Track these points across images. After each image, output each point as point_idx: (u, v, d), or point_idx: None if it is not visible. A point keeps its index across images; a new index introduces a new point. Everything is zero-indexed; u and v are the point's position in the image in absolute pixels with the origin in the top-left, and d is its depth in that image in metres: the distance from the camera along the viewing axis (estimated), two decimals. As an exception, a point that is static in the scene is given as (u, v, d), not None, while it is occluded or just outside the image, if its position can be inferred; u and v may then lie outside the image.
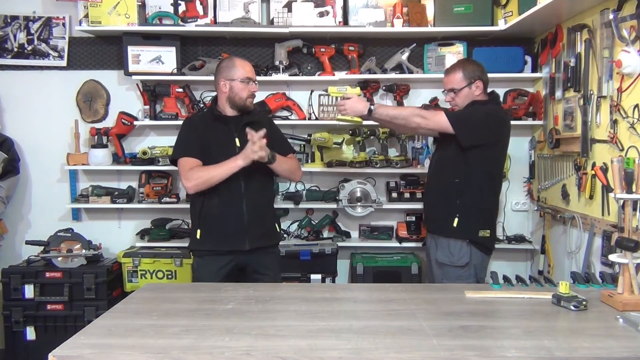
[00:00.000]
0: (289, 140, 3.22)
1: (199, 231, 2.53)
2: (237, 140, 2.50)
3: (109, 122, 3.49)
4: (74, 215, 3.54)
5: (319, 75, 3.39)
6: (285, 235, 3.46)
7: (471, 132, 2.49)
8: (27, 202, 3.55)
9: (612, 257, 1.91)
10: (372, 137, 3.38)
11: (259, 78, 3.24)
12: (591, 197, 2.66)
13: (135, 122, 3.39)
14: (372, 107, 2.60)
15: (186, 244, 2.98)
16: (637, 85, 2.29)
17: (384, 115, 2.61)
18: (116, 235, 3.53)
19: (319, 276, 3.25)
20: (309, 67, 3.42)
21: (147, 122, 3.39)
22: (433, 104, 3.36)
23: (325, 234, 3.54)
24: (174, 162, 2.60)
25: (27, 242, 3.32)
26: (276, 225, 2.69)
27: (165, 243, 3.38)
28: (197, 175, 2.43)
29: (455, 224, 2.53)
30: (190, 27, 3.30)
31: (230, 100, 2.51)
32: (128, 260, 3.27)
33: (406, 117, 2.58)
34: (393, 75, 3.34)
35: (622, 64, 2.29)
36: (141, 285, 2.79)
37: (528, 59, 3.33)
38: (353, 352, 1.49)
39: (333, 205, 3.42)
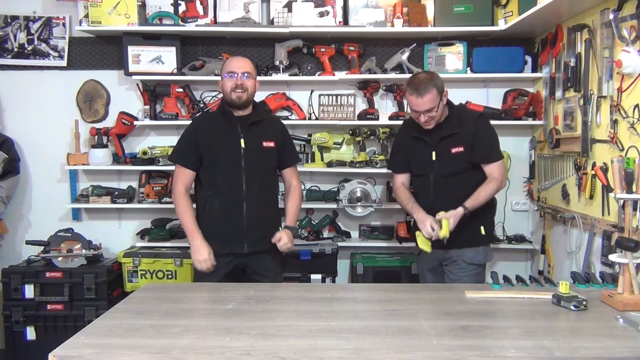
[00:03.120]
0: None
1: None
2: (242, 140, 2.49)
3: (109, 122, 3.49)
4: (74, 215, 3.54)
5: (319, 75, 3.39)
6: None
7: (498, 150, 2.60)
8: (27, 202, 3.55)
9: (612, 257, 1.92)
10: (372, 137, 3.38)
11: (259, 78, 3.24)
12: (591, 197, 2.66)
13: (136, 122, 3.39)
14: (466, 210, 2.43)
15: (186, 244, 2.96)
16: (637, 85, 2.29)
17: (477, 206, 2.48)
18: (116, 235, 3.53)
19: (319, 276, 3.25)
20: (309, 67, 3.42)
21: (147, 122, 3.39)
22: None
23: (325, 234, 3.54)
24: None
25: (27, 242, 3.32)
26: (279, 229, 2.65)
27: (165, 243, 3.38)
28: (176, 203, 2.53)
29: (483, 232, 2.57)
30: (191, 27, 3.30)
31: (224, 98, 2.54)
32: (128, 260, 3.27)
33: (493, 194, 2.53)
34: (393, 75, 3.34)
35: (622, 64, 2.29)
36: (141, 285, 2.79)
37: (528, 59, 3.33)
38: (353, 352, 1.49)
39: (333, 205, 3.41)
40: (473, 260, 2.55)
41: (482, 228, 2.56)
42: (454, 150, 2.51)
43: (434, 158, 2.54)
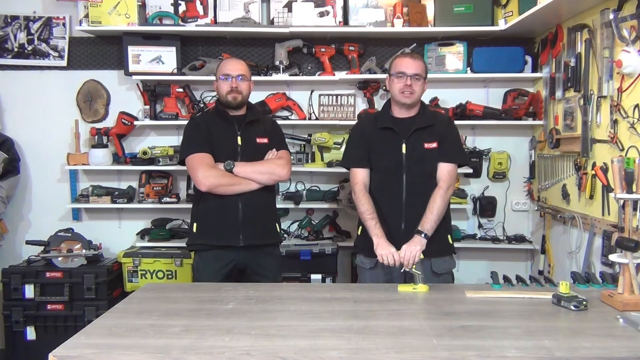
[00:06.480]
0: (290, 141, 3.23)
1: (195, 225, 2.57)
2: (239, 138, 2.53)
3: (109, 122, 3.49)
4: (74, 215, 3.54)
5: (319, 75, 3.39)
6: (285, 235, 3.46)
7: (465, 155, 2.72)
8: (27, 202, 3.55)
9: (613, 257, 1.92)
10: (372, 137, 3.37)
11: (259, 78, 3.26)
12: (591, 197, 2.66)
13: (136, 122, 3.39)
14: (425, 235, 2.25)
15: (183, 244, 2.98)
16: (637, 85, 2.29)
17: (435, 227, 2.30)
18: (116, 235, 3.53)
19: (319, 276, 3.25)
20: (309, 67, 3.42)
21: (148, 122, 3.39)
22: (433, 104, 3.36)
23: (325, 234, 3.54)
24: (182, 161, 2.57)
25: (28, 242, 3.32)
26: (276, 225, 2.68)
27: (165, 243, 3.38)
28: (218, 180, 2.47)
29: (450, 241, 2.45)
30: (191, 27, 3.30)
31: (220, 99, 2.58)
32: (128, 260, 3.27)
33: (444, 209, 2.33)
34: (393, 75, 3.34)
35: (622, 64, 2.29)
36: (141, 285, 2.79)
37: (528, 59, 3.32)
38: (353, 352, 1.49)
39: (333, 205, 3.41)
40: (441, 269, 2.38)
41: (449, 237, 2.44)
42: (427, 145, 2.34)
43: (403, 151, 2.34)
